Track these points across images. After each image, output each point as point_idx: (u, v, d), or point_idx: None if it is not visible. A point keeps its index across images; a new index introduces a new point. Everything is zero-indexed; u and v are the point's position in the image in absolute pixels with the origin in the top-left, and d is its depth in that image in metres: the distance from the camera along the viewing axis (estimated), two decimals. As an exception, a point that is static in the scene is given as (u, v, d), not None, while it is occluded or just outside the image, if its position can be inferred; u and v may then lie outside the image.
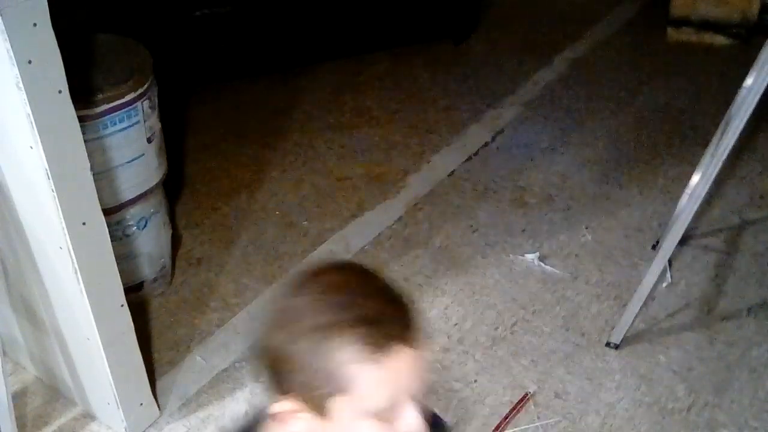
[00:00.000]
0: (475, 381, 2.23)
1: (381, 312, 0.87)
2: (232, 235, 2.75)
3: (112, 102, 2.08)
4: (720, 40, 3.82)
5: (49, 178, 1.63)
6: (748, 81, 2.20)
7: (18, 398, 2.17)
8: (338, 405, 0.86)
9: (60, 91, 1.59)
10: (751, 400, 2.18)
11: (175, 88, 2.90)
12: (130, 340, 1.98)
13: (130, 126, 2.15)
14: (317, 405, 0.87)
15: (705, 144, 2.51)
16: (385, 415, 0.87)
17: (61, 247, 1.74)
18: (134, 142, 2.20)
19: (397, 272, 2.59)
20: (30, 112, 1.55)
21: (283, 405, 0.90)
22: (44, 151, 1.59)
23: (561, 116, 3.38)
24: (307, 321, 0.86)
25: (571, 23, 4.05)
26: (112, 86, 2.09)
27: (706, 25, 3.81)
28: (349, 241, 2.71)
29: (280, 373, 0.89)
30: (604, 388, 2.22)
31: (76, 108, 1.64)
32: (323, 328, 0.85)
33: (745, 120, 1.97)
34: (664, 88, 3.53)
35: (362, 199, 2.91)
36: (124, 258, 2.28)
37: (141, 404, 2.08)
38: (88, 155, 1.71)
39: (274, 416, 0.91)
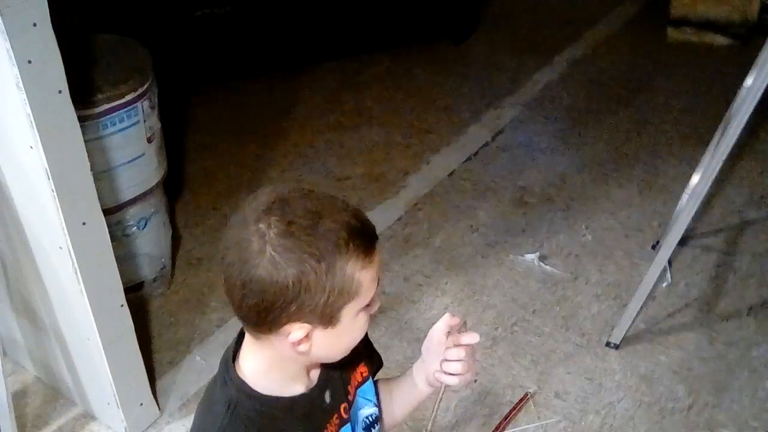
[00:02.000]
0: (476, 381, 2.23)
1: (357, 219, 0.95)
2: (232, 235, 2.74)
3: (111, 102, 2.08)
4: (720, 40, 3.82)
5: (49, 178, 1.63)
6: (748, 81, 2.20)
7: (18, 398, 2.17)
8: (348, 310, 0.95)
9: (60, 91, 1.59)
10: (751, 400, 2.18)
11: (175, 88, 2.90)
12: (130, 340, 1.98)
13: (129, 126, 2.15)
14: (330, 318, 0.95)
15: (705, 144, 2.51)
16: (369, 302, 0.98)
17: (61, 247, 1.74)
18: (134, 142, 2.20)
19: (397, 272, 2.59)
20: (30, 112, 1.55)
21: (298, 332, 0.95)
22: (44, 151, 1.59)
23: (561, 116, 3.38)
24: (311, 250, 0.90)
25: (571, 23, 4.05)
26: (112, 86, 2.09)
27: (706, 25, 3.81)
28: (349, 241, 2.71)
29: (285, 303, 0.92)
30: (604, 388, 2.22)
31: (76, 108, 1.64)
32: (329, 252, 0.91)
33: (745, 120, 1.97)
34: (664, 88, 3.53)
35: (362, 199, 2.91)
36: (124, 258, 2.27)
37: (141, 404, 2.08)
38: (88, 155, 1.71)
39: (293, 344, 0.96)
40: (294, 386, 1.05)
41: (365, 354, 1.16)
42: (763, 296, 2.49)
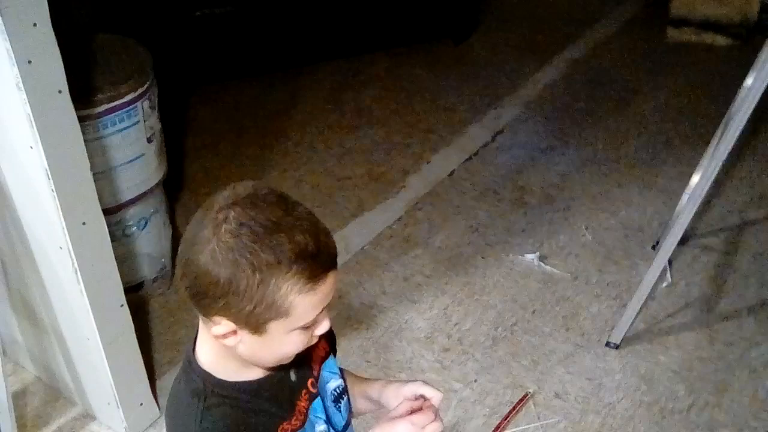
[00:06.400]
0: (475, 381, 2.23)
1: (315, 244, 0.93)
2: (232, 235, 2.74)
3: (112, 102, 2.08)
4: (720, 40, 3.82)
5: (49, 178, 1.63)
6: (748, 81, 2.20)
7: (18, 398, 2.17)
8: (277, 325, 0.95)
9: (60, 91, 1.59)
10: (751, 400, 2.18)
11: (175, 88, 2.90)
12: (130, 340, 1.98)
13: (130, 126, 2.16)
14: (255, 327, 0.95)
15: (705, 144, 2.51)
16: (308, 324, 0.98)
17: (61, 247, 1.74)
18: (134, 142, 2.20)
19: (397, 272, 2.59)
20: (30, 112, 1.55)
21: (222, 327, 0.96)
22: (44, 151, 1.59)
23: (561, 116, 3.38)
24: (250, 258, 0.90)
25: (571, 23, 4.05)
26: (112, 86, 2.09)
27: (706, 25, 3.81)
28: (349, 241, 2.71)
29: (214, 297, 0.93)
30: (604, 388, 2.22)
31: (76, 108, 1.64)
32: (268, 266, 0.90)
33: (745, 120, 1.97)
34: (664, 88, 3.53)
35: (362, 199, 2.91)
36: (124, 258, 2.28)
37: (141, 404, 2.08)
38: (88, 155, 1.71)
39: (217, 336, 0.97)
40: (253, 369, 1.05)
41: (324, 334, 1.17)
42: (763, 296, 2.49)
